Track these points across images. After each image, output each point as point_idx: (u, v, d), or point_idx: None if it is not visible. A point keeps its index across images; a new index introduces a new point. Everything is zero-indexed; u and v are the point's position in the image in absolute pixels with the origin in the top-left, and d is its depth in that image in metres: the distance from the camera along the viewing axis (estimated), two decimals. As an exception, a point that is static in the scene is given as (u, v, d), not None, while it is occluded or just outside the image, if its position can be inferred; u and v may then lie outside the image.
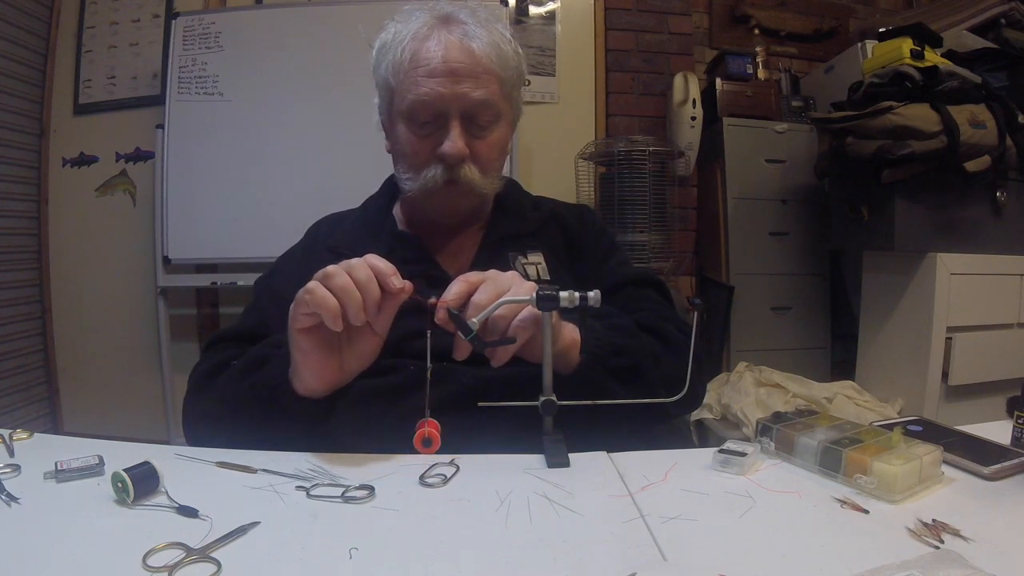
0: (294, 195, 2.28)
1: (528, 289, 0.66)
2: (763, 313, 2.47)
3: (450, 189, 0.82)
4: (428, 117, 0.81)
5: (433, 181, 0.82)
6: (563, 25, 2.60)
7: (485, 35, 0.80)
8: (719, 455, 0.63)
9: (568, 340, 0.72)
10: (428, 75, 0.79)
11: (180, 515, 0.52)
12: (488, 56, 0.79)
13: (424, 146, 0.82)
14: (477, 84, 0.79)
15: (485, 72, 0.79)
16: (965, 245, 1.93)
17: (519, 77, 0.86)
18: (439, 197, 0.84)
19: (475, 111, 0.80)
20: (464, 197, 0.84)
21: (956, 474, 0.61)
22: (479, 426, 0.69)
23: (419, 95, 0.79)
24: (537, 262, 0.89)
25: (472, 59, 0.79)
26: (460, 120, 0.80)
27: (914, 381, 1.95)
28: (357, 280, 0.64)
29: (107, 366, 2.60)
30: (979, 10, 2.28)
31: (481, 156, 0.82)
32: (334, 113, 2.25)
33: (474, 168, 0.82)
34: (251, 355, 0.77)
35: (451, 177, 0.81)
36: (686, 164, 2.45)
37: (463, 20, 0.82)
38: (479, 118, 0.81)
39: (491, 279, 0.67)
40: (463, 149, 0.80)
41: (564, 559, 0.46)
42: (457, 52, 0.79)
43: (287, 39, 2.32)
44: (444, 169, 0.81)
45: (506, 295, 0.65)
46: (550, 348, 0.67)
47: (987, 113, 1.86)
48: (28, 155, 2.53)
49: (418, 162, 0.83)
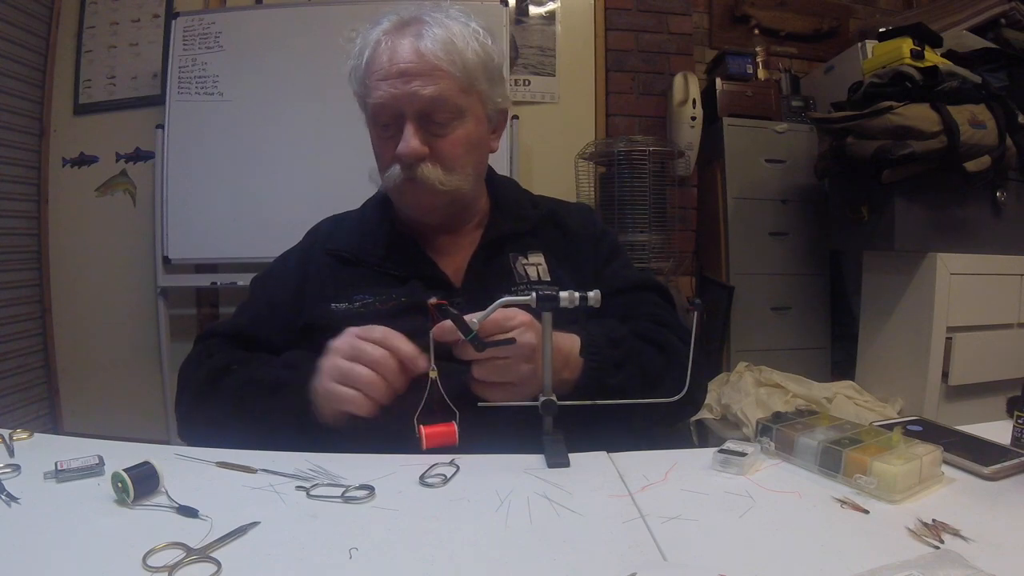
0: (294, 195, 2.28)
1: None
2: (763, 313, 2.46)
3: (410, 186, 0.83)
4: (387, 119, 0.83)
5: (394, 179, 0.83)
6: (563, 25, 2.60)
7: (439, 32, 0.81)
8: (719, 455, 0.63)
9: (560, 363, 0.73)
10: (381, 79, 0.80)
11: (180, 515, 0.52)
12: (435, 54, 0.79)
13: (387, 148, 0.84)
14: (427, 82, 0.79)
15: (435, 70, 0.80)
16: (965, 245, 1.93)
17: (487, 70, 0.85)
18: (403, 194, 0.85)
19: (430, 109, 0.81)
20: (427, 195, 0.84)
21: (956, 474, 0.61)
22: (479, 426, 0.69)
23: (375, 99, 0.81)
24: (538, 263, 0.89)
25: (419, 58, 0.79)
26: (416, 120, 0.81)
27: (914, 381, 1.95)
28: (384, 373, 0.68)
29: (107, 366, 2.60)
30: (979, 10, 2.28)
31: (443, 154, 0.83)
32: (334, 113, 2.25)
33: (434, 166, 0.82)
34: (267, 379, 0.78)
35: (408, 176, 0.82)
36: (686, 164, 2.45)
37: (422, 20, 0.83)
38: (435, 116, 0.82)
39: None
40: (416, 149, 0.80)
41: (564, 559, 0.46)
42: (406, 53, 0.80)
43: (287, 39, 2.32)
44: (403, 168, 0.82)
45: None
46: (550, 349, 0.67)
47: (987, 113, 1.86)
48: (28, 155, 2.53)
49: (383, 163, 0.86)
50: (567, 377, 0.74)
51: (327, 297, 0.86)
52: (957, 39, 2.17)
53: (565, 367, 0.73)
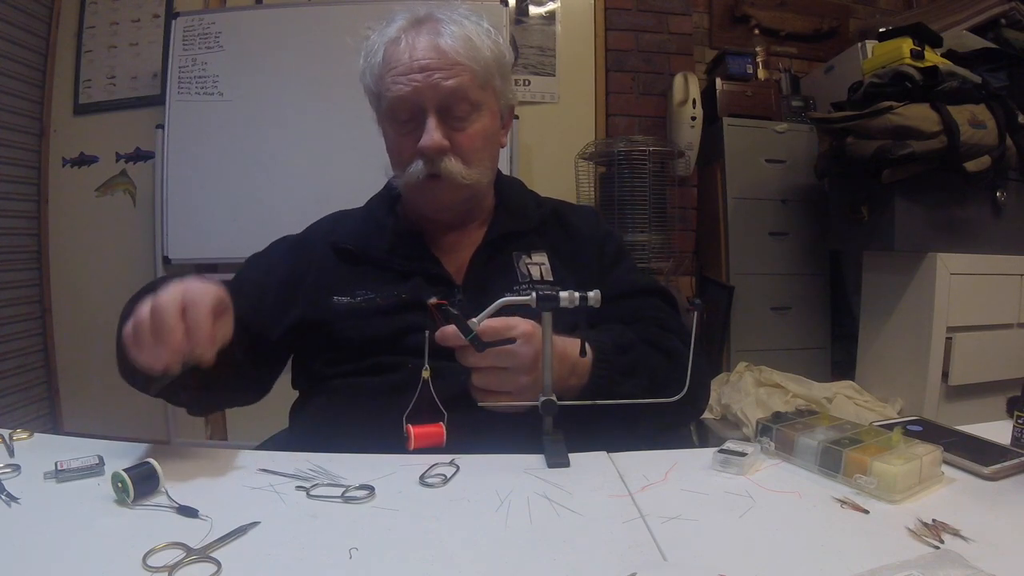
0: (294, 195, 2.27)
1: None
2: (763, 313, 2.46)
3: (433, 183, 0.83)
4: (407, 115, 0.83)
5: (416, 176, 0.83)
6: (563, 25, 2.60)
7: (456, 30, 0.82)
8: (719, 455, 0.63)
9: (566, 371, 0.73)
10: (401, 74, 0.81)
11: (180, 515, 0.52)
12: (455, 49, 0.80)
13: (407, 143, 0.84)
14: (447, 75, 0.80)
15: (454, 64, 0.80)
16: (965, 245, 1.93)
17: (500, 67, 0.86)
18: (424, 192, 0.85)
19: (450, 103, 0.81)
20: (448, 190, 0.84)
21: (956, 474, 0.61)
22: (479, 426, 0.69)
23: (394, 94, 0.81)
24: (541, 262, 0.89)
25: (440, 53, 0.80)
26: (436, 113, 0.81)
27: (914, 381, 1.95)
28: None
29: (107, 366, 2.55)
30: (979, 10, 2.28)
31: (462, 147, 0.83)
32: (334, 113, 2.25)
33: (456, 160, 0.83)
34: None
35: (432, 171, 0.82)
36: (686, 164, 2.45)
37: (437, 18, 0.84)
38: (455, 109, 0.82)
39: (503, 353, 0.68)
40: (439, 141, 0.81)
41: (564, 559, 0.46)
42: (425, 50, 0.81)
43: (287, 39, 2.32)
44: (425, 163, 0.82)
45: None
46: (550, 349, 0.67)
47: (987, 113, 1.86)
48: (28, 155, 2.53)
49: (402, 159, 0.85)
50: (574, 384, 0.74)
51: (328, 291, 0.86)
52: (957, 39, 2.17)
53: (572, 374, 0.73)
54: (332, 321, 0.83)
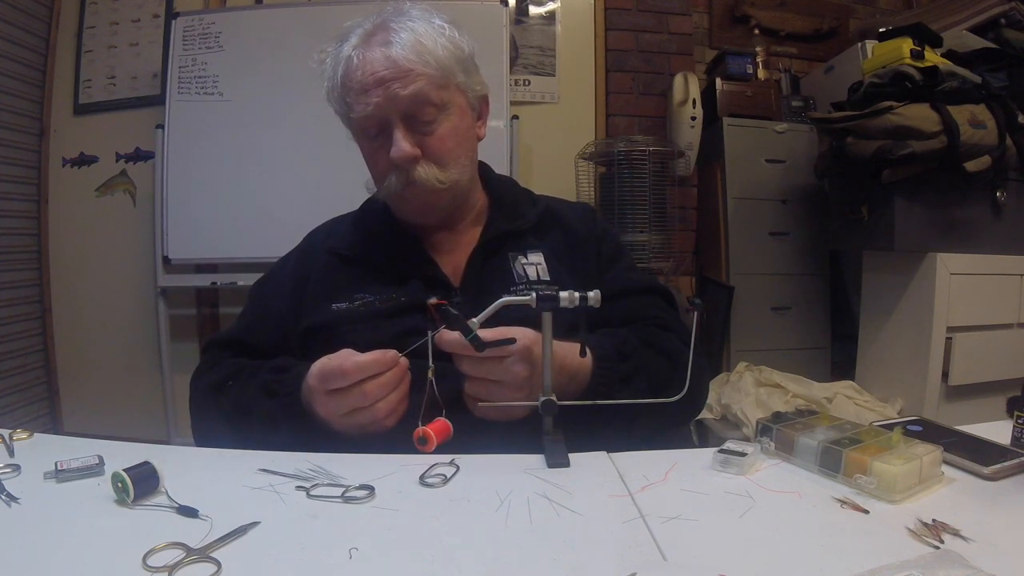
0: (294, 195, 2.28)
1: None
2: (763, 313, 2.46)
3: (411, 191, 0.84)
4: (375, 130, 0.84)
5: (392, 188, 0.84)
6: (563, 25, 2.60)
7: (406, 37, 0.81)
8: (719, 455, 0.63)
9: (565, 379, 0.73)
10: (360, 92, 0.81)
11: (180, 515, 0.52)
12: (406, 57, 0.80)
13: (380, 158, 0.85)
14: (403, 84, 0.80)
15: (408, 72, 0.80)
16: (965, 245, 1.93)
17: (459, 62, 0.85)
18: (404, 201, 0.86)
19: (412, 109, 0.81)
20: (427, 195, 0.84)
21: (956, 474, 0.61)
22: (479, 426, 0.69)
23: (359, 114, 0.82)
24: (537, 262, 0.89)
25: (392, 64, 0.80)
26: (403, 123, 0.81)
27: (914, 381, 1.95)
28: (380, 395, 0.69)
29: (107, 366, 2.60)
30: (979, 10, 2.28)
31: (434, 151, 0.83)
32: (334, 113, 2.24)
33: (429, 165, 0.83)
34: (257, 410, 0.78)
35: (407, 180, 0.83)
36: (686, 164, 2.45)
37: (388, 27, 0.83)
38: (420, 115, 0.82)
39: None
40: (408, 151, 0.81)
41: (564, 559, 0.46)
42: (378, 63, 0.81)
43: (287, 39, 2.31)
44: (398, 174, 0.83)
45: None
46: (550, 349, 0.67)
47: (987, 113, 1.86)
48: (28, 155, 2.53)
49: (379, 172, 0.87)
50: (573, 390, 0.74)
51: (328, 297, 0.86)
52: (957, 39, 2.17)
53: (571, 382, 0.74)
54: (333, 326, 0.83)
